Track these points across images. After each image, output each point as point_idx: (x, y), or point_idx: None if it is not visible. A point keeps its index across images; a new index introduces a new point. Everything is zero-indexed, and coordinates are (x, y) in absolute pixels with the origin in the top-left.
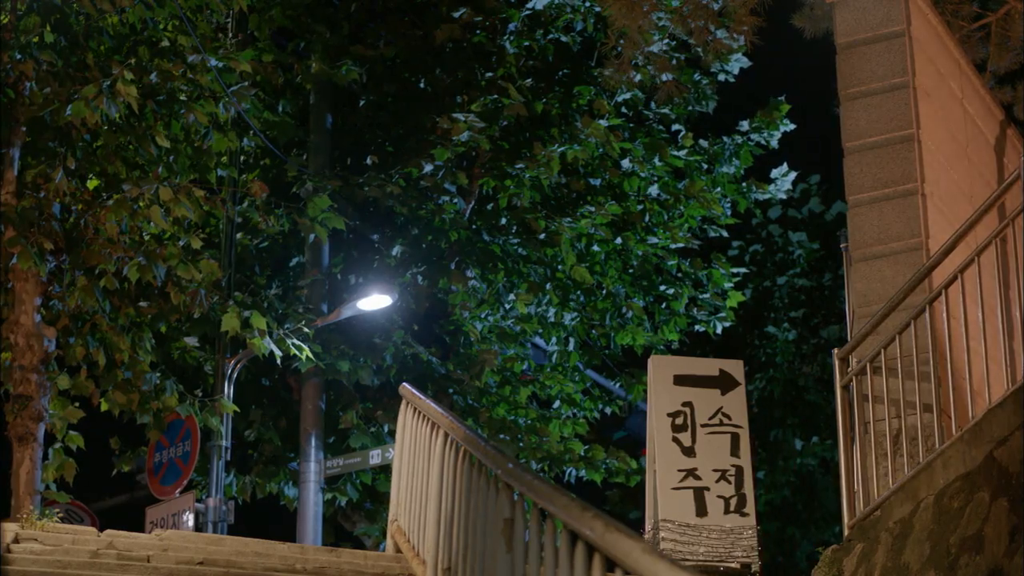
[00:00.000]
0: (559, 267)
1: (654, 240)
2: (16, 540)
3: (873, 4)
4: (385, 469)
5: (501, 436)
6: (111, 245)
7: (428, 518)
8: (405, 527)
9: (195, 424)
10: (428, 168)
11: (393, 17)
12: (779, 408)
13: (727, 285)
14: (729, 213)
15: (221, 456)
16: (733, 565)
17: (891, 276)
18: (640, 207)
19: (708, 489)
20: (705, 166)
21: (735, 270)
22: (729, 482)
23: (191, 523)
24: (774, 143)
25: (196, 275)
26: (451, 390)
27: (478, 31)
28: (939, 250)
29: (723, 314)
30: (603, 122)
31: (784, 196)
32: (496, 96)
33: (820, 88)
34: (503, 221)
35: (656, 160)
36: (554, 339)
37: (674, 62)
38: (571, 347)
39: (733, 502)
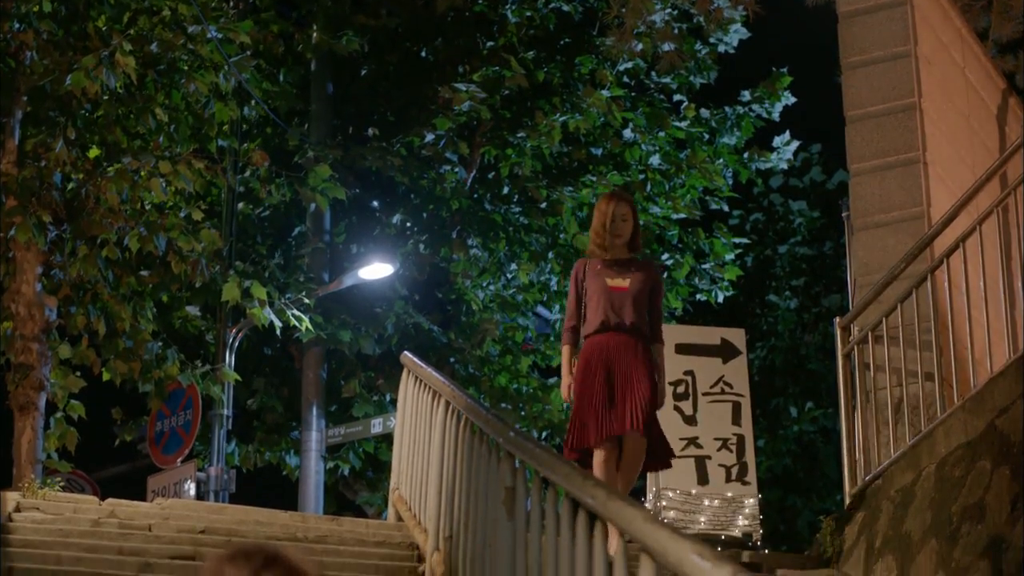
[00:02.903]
0: (561, 236)
1: (655, 210)
2: (18, 509)
3: None
4: (387, 438)
5: (503, 405)
6: (112, 215)
7: (430, 487)
8: (407, 496)
9: (197, 393)
10: (429, 137)
11: None
12: (780, 377)
13: (728, 257)
14: (730, 184)
15: (223, 425)
16: (734, 533)
17: (893, 245)
18: (642, 177)
19: (709, 458)
20: (706, 136)
21: (736, 240)
22: (731, 451)
23: (193, 492)
24: (775, 115)
25: (197, 246)
26: (452, 359)
27: (479, 0)
28: (941, 219)
29: (725, 283)
30: (605, 92)
31: (785, 166)
32: (497, 67)
33: (822, 58)
34: (505, 190)
35: (658, 130)
36: (556, 308)
37: (676, 32)
38: None
39: (734, 471)
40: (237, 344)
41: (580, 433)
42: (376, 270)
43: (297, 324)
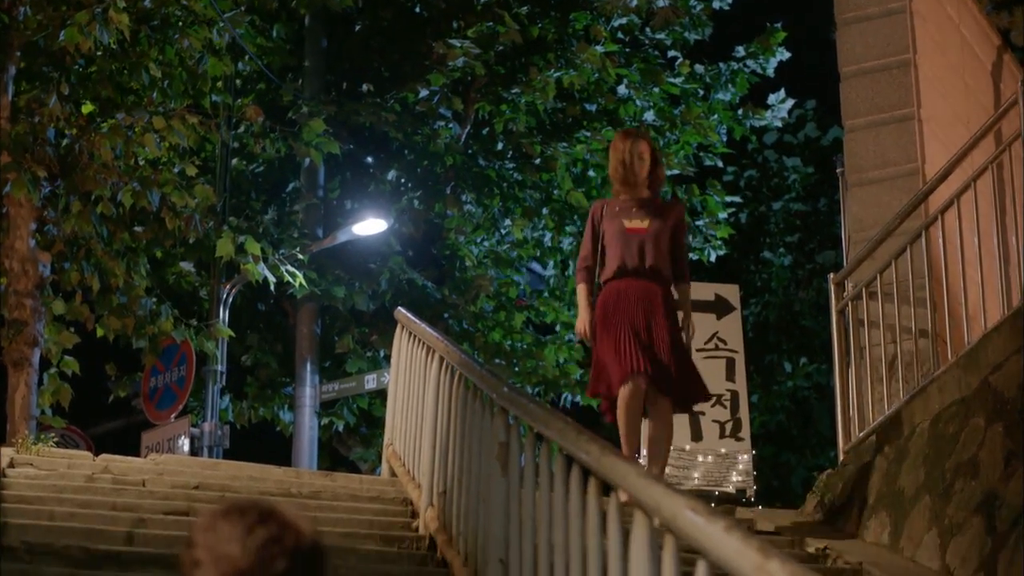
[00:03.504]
0: (555, 192)
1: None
2: (11, 464)
3: None
4: (381, 394)
5: (496, 361)
6: (105, 171)
7: (423, 442)
8: (400, 451)
9: (190, 349)
10: (423, 93)
11: None
12: (774, 333)
13: (721, 215)
14: (725, 140)
15: (216, 381)
16: (728, 489)
17: (887, 201)
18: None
19: (703, 414)
20: (701, 92)
21: (729, 199)
22: (724, 407)
23: (186, 448)
24: (770, 70)
25: (190, 202)
26: (446, 315)
27: None
28: (935, 175)
29: (718, 242)
30: (599, 48)
31: (780, 124)
32: (492, 22)
33: (816, 13)
34: (499, 146)
35: (652, 86)
36: (551, 263)
37: None
38: (570, 271)
39: (728, 427)
40: (231, 300)
41: (604, 380)
42: (370, 226)
43: (291, 280)
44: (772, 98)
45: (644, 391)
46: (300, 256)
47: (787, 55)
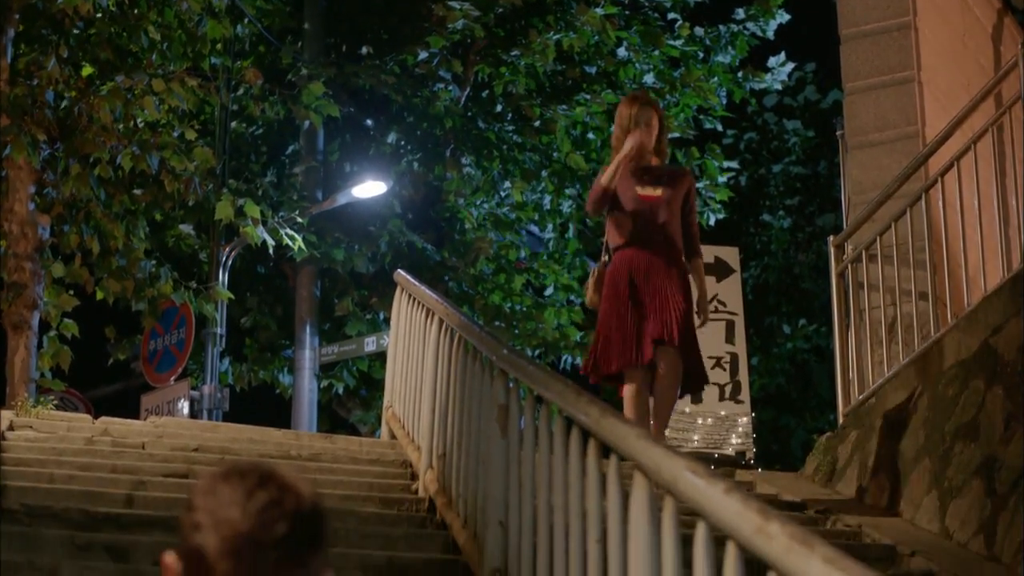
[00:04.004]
0: (555, 154)
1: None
2: (11, 427)
3: None
4: (380, 356)
5: (496, 323)
6: (105, 133)
7: (423, 404)
8: (400, 413)
9: (190, 311)
10: (423, 55)
11: None
12: (774, 295)
13: (720, 180)
14: (724, 103)
15: (216, 343)
16: (727, 452)
17: (887, 164)
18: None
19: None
20: (701, 55)
21: (727, 164)
22: (724, 369)
23: (186, 410)
24: (770, 33)
25: (189, 165)
26: (446, 277)
27: None
28: (936, 138)
29: (717, 205)
30: (599, 10)
31: (780, 87)
32: None
33: None
34: (498, 108)
35: (652, 49)
36: (550, 226)
37: None
38: (570, 234)
39: (728, 389)
40: (230, 262)
41: (603, 357)
42: (369, 188)
43: (290, 243)
44: (772, 61)
45: (648, 385)
46: (299, 219)
47: (787, 17)
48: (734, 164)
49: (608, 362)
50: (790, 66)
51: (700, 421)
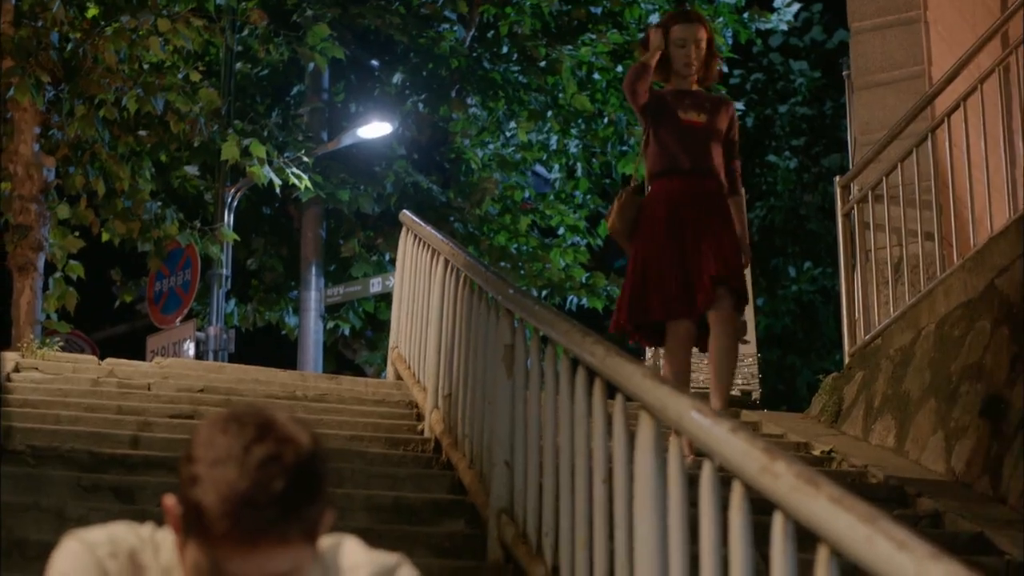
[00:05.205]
0: (560, 95)
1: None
2: (17, 369)
3: None
4: (386, 297)
5: (502, 264)
6: (110, 75)
7: (428, 345)
8: (405, 354)
9: (195, 253)
10: None
11: None
12: (780, 236)
13: None
14: (730, 43)
15: (222, 285)
16: (733, 392)
17: (893, 104)
18: (641, 35)
19: None
20: None
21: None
22: None
23: (192, 352)
24: None
25: (195, 106)
26: (452, 218)
27: None
28: (942, 78)
29: None
30: None
31: (786, 27)
32: None
33: None
34: (504, 49)
35: None
36: (556, 167)
37: None
38: (579, 173)
39: None
40: (236, 204)
41: (639, 305)
42: (375, 129)
43: (296, 182)
44: (778, 1)
45: (693, 337)
46: (305, 159)
47: None
48: (740, 105)
49: (647, 309)
50: (796, 6)
51: (706, 361)
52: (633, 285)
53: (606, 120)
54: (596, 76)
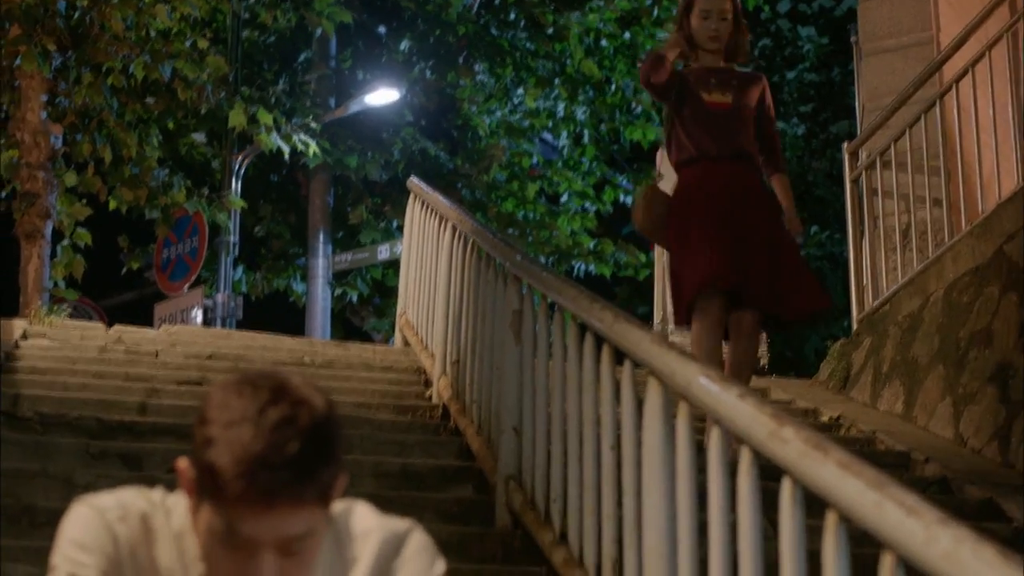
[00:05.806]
0: (567, 62)
1: (663, 35)
2: (25, 336)
3: None
4: (394, 264)
5: (509, 231)
6: (117, 42)
7: (436, 311)
8: (413, 320)
9: (203, 220)
10: None
11: None
12: None
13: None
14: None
15: (229, 252)
16: None
17: (902, 70)
18: (649, 2)
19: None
20: None
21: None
22: None
23: (200, 319)
24: None
25: (202, 74)
26: (459, 185)
27: None
28: (950, 44)
29: None
30: None
31: None
32: None
33: None
34: (511, 15)
35: None
36: (564, 134)
37: None
38: (585, 140)
39: None
40: (243, 171)
41: (690, 278)
42: (382, 96)
43: (304, 149)
44: None
45: (725, 311)
46: (313, 125)
47: None
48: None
49: (694, 283)
50: None
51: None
52: (678, 270)
53: (613, 87)
54: (604, 43)
